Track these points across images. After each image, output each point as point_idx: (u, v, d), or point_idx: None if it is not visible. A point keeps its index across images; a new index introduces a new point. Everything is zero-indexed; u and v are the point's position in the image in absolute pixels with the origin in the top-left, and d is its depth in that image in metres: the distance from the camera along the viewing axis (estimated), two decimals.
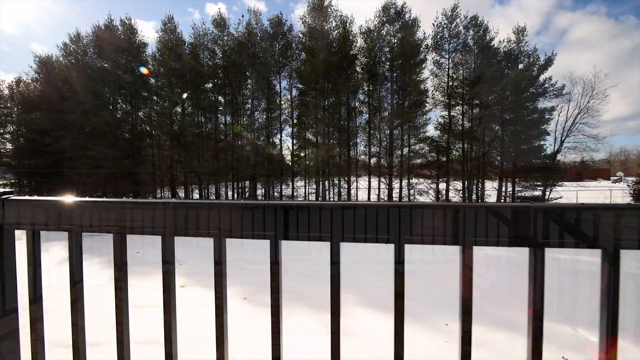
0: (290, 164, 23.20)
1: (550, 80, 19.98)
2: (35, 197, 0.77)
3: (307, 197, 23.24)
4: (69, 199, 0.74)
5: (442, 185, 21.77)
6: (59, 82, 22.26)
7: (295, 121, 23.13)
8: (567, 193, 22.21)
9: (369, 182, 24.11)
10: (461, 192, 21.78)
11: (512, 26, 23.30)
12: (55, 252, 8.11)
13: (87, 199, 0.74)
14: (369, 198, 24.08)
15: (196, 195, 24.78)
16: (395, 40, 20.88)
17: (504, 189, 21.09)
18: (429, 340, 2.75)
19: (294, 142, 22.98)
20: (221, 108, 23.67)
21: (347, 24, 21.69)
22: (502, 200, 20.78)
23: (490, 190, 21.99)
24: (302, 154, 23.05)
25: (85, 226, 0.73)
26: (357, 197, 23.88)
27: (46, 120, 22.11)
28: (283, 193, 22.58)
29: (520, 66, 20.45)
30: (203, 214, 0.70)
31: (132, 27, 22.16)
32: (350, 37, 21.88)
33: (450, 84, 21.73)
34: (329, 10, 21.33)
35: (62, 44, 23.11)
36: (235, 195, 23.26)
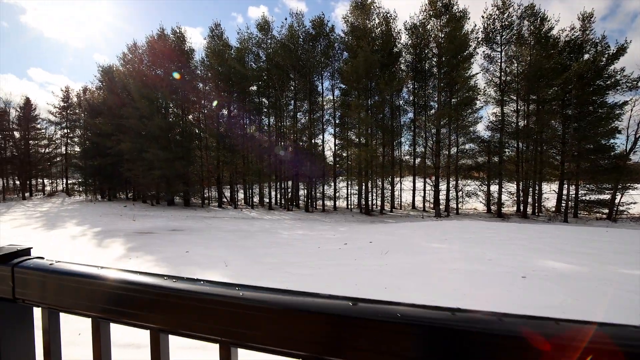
0: (333, 164, 23.15)
1: (623, 71, 17.89)
2: (56, 265, 0.58)
3: (349, 197, 22.97)
4: (99, 272, 0.54)
5: (493, 187, 20.45)
6: (119, 89, 24.13)
7: (337, 121, 23.04)
8: None
9: (414, 183, 23.34)
10: (514, 195, 20.30)
11: (576, 12, 21.24)
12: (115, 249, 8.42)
13: (122, 275, 0.53)
14: (413, 200, 23.31)
15: (241, 195, 25.61)
16: (443, 35, 19.94)
17: (565, 192, 19.31)
18: None
19: (336, 142, 22.89)
20: (265, 110, 24.25)
21: (391, 20, 21.18)
22: (563, 205, 19.04)
23: (549, 193, 20.27)
24: (345, 154, 22.90)
25: (114, 315, 0.52)
26: (400, 199, 23.21)
27: (108, 124, 24.10)
28: (325, 193, 22.59)
29: (586, 56, 18.56)
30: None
31: (181, 35, 23.41)
32: (394, 34, 21.34)
33: (504, 78, 20.33)
34: (372, 7, 20.93)
35: (121, 53, 25.11)
36: (278, 196, 23.69)
